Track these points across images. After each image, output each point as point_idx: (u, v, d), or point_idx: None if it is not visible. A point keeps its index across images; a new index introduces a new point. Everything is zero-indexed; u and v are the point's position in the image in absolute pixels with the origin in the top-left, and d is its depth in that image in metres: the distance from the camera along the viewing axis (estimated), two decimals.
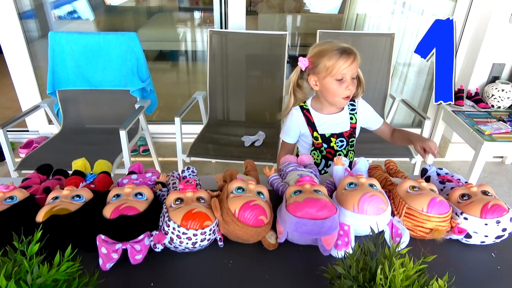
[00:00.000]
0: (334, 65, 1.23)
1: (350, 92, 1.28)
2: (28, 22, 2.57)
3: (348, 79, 1.26)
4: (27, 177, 1.03)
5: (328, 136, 1.38)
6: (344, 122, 1.39)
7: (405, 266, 0.54)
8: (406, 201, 0.86)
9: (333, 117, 1.38)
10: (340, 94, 1.28)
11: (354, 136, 1.42)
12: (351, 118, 1.40)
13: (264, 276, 0.79)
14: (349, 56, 1.24)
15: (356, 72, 1.28)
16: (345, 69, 1.24)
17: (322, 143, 1.39)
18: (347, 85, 1.26)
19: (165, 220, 0.79)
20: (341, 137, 1.39)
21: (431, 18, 2.66)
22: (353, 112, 1.40)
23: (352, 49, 1.26)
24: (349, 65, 1.24)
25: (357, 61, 1.26)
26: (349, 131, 1.40)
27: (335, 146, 1.40)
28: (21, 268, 0.55)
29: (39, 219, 0.78)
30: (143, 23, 3.71)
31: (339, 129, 1.39)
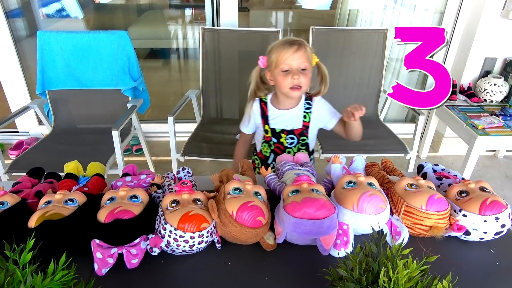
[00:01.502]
0: (278, 56, 1.25)
1: (298, 82, 1.26)
2: (15, 20, 2.52)
3: (294, 69, 1.25)
4: (18, 181, 1.01)
5: (278, 131, 1.39)
6: (296, 119, 1.39)
7: (408, 267, 0.53)
8: (404, 199, 0.85)
9: (287, 112, 1.38)
10: (287, 85, 1.27)
11: (306, 135, 1.40)
12: (305, 116, 1.38)
13: (263, 278, 0.78)
14: (291, 45, 1.24)
15: (303, 63, 1.26)
16: (288, 58, 1.24)
17: (271, 137, 1.40)
18: (293, 75, 1.24)
19: (161, 223, 0.78)
20: (291, 134, 1.39)
21: (423, 13, 2.66)
22: (308, 110, 1.39)
23: (297, 40, 1.26)
24: (292, 54, 1.23)
25: (302, 51, 1.24)
26: (300, 129, 1.39)
27: (285, 142, 1.40)
28: (13, 278, 0.54)
29: (31, 225, 0.76)
30: (133, 21, 3.66)
31: (291, 125, 1.39)
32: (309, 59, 1.28)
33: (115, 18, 3.69)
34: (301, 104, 1.39)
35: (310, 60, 1.28)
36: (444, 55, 2.66)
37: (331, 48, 2.31)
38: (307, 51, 1.26)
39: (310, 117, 1.39)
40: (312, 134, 1.43)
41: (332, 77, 2.32)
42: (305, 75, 1.27)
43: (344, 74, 2.36)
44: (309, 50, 1.28)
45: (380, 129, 2.25)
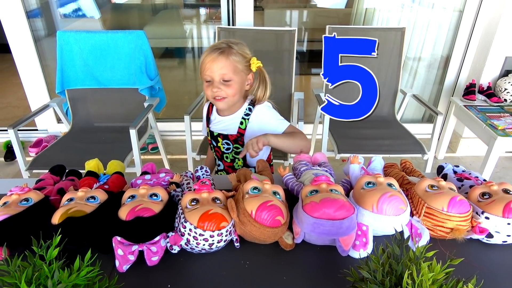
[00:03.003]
0: (201, 63, 1.19)
1: (218, 94, 1.19)
2: (35, 20, 2.57)
3: (217, 79, 1.18)
4: (41, 178, 1.03)
5: (215, 134, 1.36)
6: (233, 125, 1.32)
7: (432, 270, 0.52)
8: (425, 200, 0.84)
9: (225, 118, 1.34)
10: (209, 96, 1.22)
11: (240, 142, 1.33)
12: (241, 123, 1.31)
13: (281, 277, 0.78)
14: (212, 53, 1.16)
15: (226, 74, 1.18)
16: (208, 69, 1.17)
17: (211, 140, 1.39)
18: (212, 86, 1.19)
19: (181, 221, 0.78)
20: (226, 139, 1.34)
21: (441, 11, 2.62)
22: (246, 117, 1.31)
23: (219, 47, 1.17)
24: (211, 63, 1.16)
25: (223, 60, 1.16)
26: (235, 135, 1.32)
27: (222, 147, 1.37)
28: (40, 273, 0.55)
29: (54, 221, 0.78)
30: (149, 20, 3.70)
31: (227, 131, 1.34)
32: (234, 68, 1.19)
33: (131, 18, 3.73)
34: (241, 110, 1.31)
35: (237, 69, 1.20)
36: (462, 54, 2.62)
37: None
38: (231, 59, 1.17)
39: (247, 125, 1.31)
40: None
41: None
42: (228, 86, 1.19)
43: None
44: (237, 58, 1.19)
45: (396, 129, 2.22)
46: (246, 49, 1.25)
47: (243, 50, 1.23)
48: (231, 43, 1.20)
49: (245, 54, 1.23)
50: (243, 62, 1.22)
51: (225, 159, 1.39)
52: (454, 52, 2.64)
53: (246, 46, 1.26)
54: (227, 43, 1.20)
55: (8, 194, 0.86)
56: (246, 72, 1.24)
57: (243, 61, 1.21)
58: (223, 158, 1.39)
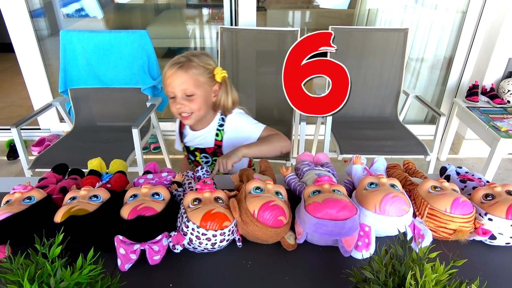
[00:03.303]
0: (163, 78, 1.16)
1: (183, 110, 1.16)
2: (38, 20, 2.58)
3: (179, 95, 1.15)
4: (44, 177, 1.03)
5: (192, 149, 1.33)
6: (208, 138, 1.30)
7: (435, 271, 0.52)
8: (428, 201, 0.84)
9: (199, 133, 1.30)
10: (175, 113, 1.19)
11: (219, 154, 1.31)
12: (217, 135, 1.29)
13: (283, 277, 0.78)
14: (172, 66, 1.13)
15: (187, 89, 1.14)
16: (169, 85, 1.14)
17: (188, 154, 1.36)
18: (176, 102, 1.15)
19: (183, 220, 0.78)
20: (204, 153, 1.32)
21: (444, 12, 2.61)
22: (221, 128, 1.29)
23: (179, 62, 1.13)
24: (172, 79, 1.13)
25: (183, 75, 1.12)
26: (212, 148, 1.30)
27: (200, 161, 1.34)
28: (43, 271, 0.55)
29: (57, 220, 0.78)
30: (151, 20, 3.70)
31: (203, 145, 1.31)
32: (196, 82, 1.15)
33: (133, 18, 3.74)
34: (214, 122, 1.29)
35: (198, 82, 1.16)
36: (466, 55, 2.61)
37: (350, 48, 2.29)
38: (190, 73, 1.13)
39: (223, 136, 1.29)
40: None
41: (350, 77, 2.32)
42: (191, 101, 1.15)
43: (363, 74, 2.34)
44: (197, 71, 1.15)
45: (399, 130, 2.22)
46: (209, 60, 1.20)
47: (205, 62, 1.18)
48: (191, 56, 1.16)
49: (207, 65, 1.18)
50: (205, 74, 1.17)
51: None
52: (457, 53, 2.63)
53: (209, 57, 1.22)
54: (187, 56, 1.16)
55: (11, 193, 0.86)
56: (210, 84, 1.20)
57: (205, 73, 1.17)
58: None
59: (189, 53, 1.18)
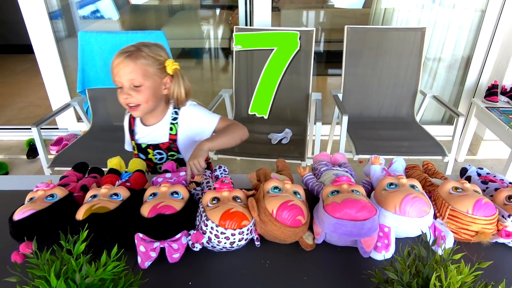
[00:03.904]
0: (111, 65, 1.11)
1: (129, 101, 1.12)
2: (56, 22, 2.63)
3: (126, 85, 1.10)
4: (65, 175, 1.05)
5: (144, 146, 1.27)
6: (162, 133, 1.25)
7: (460, 272, 0.51)
8: (449, 202, 0.83)
9: (153, 127, 1.25)
10: (122, 103, 1.15)
11: (175, 149, 1.26)
12: (171, 128, 1.24)
13: (302, 277, 0.78)
14: (120, 54, 1.09)
15: (135, 79, 1.10)
16: (116, 73, 1.10)
17: (138, 154, 1.29)
18: (123, 93, 1.11)
19: (202, 219, 0.79)
20: (158, 149, 1.26)
21: (462, 11, 2.57)
22: (174, 121, 1.24)
23: (128, 50, 1.09)
24: (119, 67, 1.08)
25: (131, 63, 1.08)
26: (167, 143, 1.25)
27: (153, 158, 1.28)
28: (68, 267, 0.56)
29: (79, 217, 0.79)
30: (166, 21, 3.74)
31: (157, 140, 1.26)
32: (144, 72, 1.11)
33: (148, 19, 3.78)
34: (168, 116, 1.24)
35: (147, 73, 1.11)
36: (484, 55, 2.56)
37: (366, 48, 2.27)
38: (138, 63, 1.09)
39: (177, 129, 1.24)
40: (185, 148, 1.28)
41: (366, 77, 2.31)
42: (139, 92, 1.11)
43: (379, 74, 2.31)
44: (146, 61, 1.11)
45: (415, 131, 2.19)
46: (161, 51, 1.17)
47: (156, 52, 1.14)
48: (142, 46, 1.12)
49: (158, 56, 1.14)
50: (155, 65, 1.13)
51: (159, 170, 1.31)
52: (475, 53, 2.58)
53: (161, 48, 1.18)
54: (137, 46, 1.12)
55: (34, 190, 0.88)
56: (160, 76, 1.15)
57: (154, 64, 1.13)
58: (156, 170, 1.31)
59: (140, 43, 1.14)
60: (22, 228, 0.79)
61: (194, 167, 1.05)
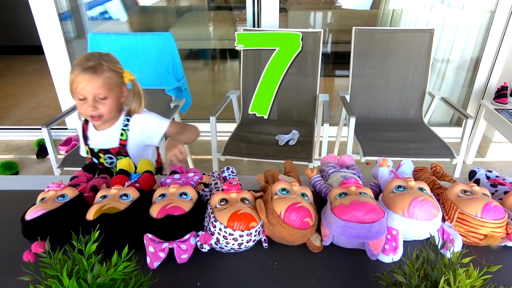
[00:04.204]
0: (73, 82, 1.15)
1: (94, 113, 1.17)
2: (66, 23, 2.66)
3: (90, 100, 1.15)
4: (75, 175, 1.07)
5: (96, 151, 1.31)
6: (113, 138, 1.29)
7: (468, 276, 0.51)
8: (458, 205, 0.83)
9: (104, 132, 1.30)
10: (85, 114, 1.20)
11: (124, 154, 1.31)
12: (122, 134, 1.29)
13: (309, 279, 0.78)
14: (84, 72, 1.12)
15: (101, 93, 1.15)
16: (81, 87, 1.13)
17: (92, 158, 1.34)
18: (87, 104, 1.16)
19: (211, 220, 0.80)
20: (109, 154, 1.31)
21: (472, 12, 2.55)
22: (126, 127, 1.29)
23: (92, 66, 1.13)
24: (85, 83, 1.13)
25: (97, 78, 1.13)
26: (117, 148, 1.29)
27: (104, 162, 1.32)
28: (79, 267, 0.57)
29: (89, 217, 0.80)
30: (174, 22, 3.76)
31: (107, 145, 1.30)
32: (109, 86, 1.17)
33: (156, 20, 3.81)
34: (119, 122, 1.29)
35: (111, 86, 1.17)
36: (494, 56, 2.54)
37: (374, 49, 2.26)
38: (104, 77, 1.15)
39: (128, 135, 1.29)
40: (135, 152, 1.32)
41: (374, 78, 2.30)
42: (103, 104, 1.17)
43: (386, 76, 2.31)
44: (110, 75, 1.16)
45: (424, 133, 2.18)
46: (117, 63, 1.22)
47: (115, 65, 1.20)
48: (101, 60, 1.16)
49: (118, 69, 1.20)
50: (116, 78, 1.19)
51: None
52: (484, 54, 2.56)
53: (116, 60, 1.23)
54: (97, 61, 1.16)
55: (46, 190, 0.90)
56: (120, 87, 1.22)
57: (116, 77, 1.19)
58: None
59: (96, 54, 1.18)
60: (34, 227, 0.80)
61: (175, 158, 1.10)
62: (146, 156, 1.37)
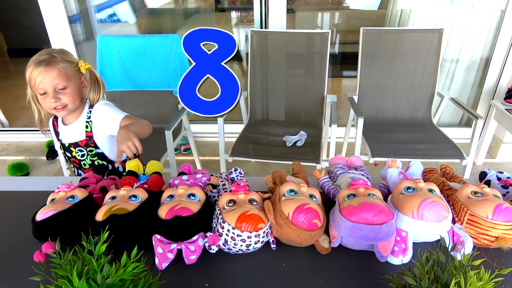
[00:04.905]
0: (30, 79, 1.18)
1: (57, 103, 1.20)
2: (75, 25, 2.69)
3: (50, 92, 1.18)
4: (84, 177, 1.08)
5: (67, 145, 1.36)
6: (79, 131, 1.33)
7: (480, 279, 0.50)
8: (468, 207, 0.82)
9: (71, 126, 1.34)
10: (47, 107, 1.23)
11: (92, 145, 1.34)
12: (87, 126, 1.33)
13: (318, 281, 0.78)
14: (38, 67, 1.16)
15: (59, 83, 1.19)
16: (39, 82, 1.17)
17: (65, 152, 1.38)
18: (50, 98, 1.19)
19: (219, 221, 0.80)
20: (78, 146, 1.35)
21: (482, 12, 2.52)
22: (89, 119, 1.33)
23: (44, 60, 1.17)
24: (41, 77, 1.16)
25: (52, 71, 1.17)
26: (84, 140, 1.33)
27: (77, 155, 1.36)
28: (89, 267, 0.57)
29: (99, 218, 0.81)
30: (181, 24, 3.78)
31: (75, 138, 1.34)
32: (65, 76, 1.20)
33: (164, 22, 3.83)
34: (84, 115, 1.33)
35: (68, 76, 1.21)
36: (504, 56, 2.51)
37: (382, 49, 2.25)
38: (59, 68, 1.18)
39: (92, 126, 1.33)
40: (103, 142, 1.36)
41: (382, 78, 2.29)
42: (64, 94, 1.21)
43: (395, 76, 2.29)
44: (64, 65, 1.20)
45: (433, 133, 2.15)
46: (70, 55, 1.26)
47: (68, 57, 1.23)
48: (52, 53, 1.20)
49: (71, 59, 1.24)
50: (72, 68, 1.23)
51: (83, 166, 1.40)
52: (495, 54, 2.53)
53: (68, 53, 1.26)
54: (49, 54, 1.19)
55: (56, 191, 0.91)
56: (78, 77, 1.26)
57: (71, 67, 1.22)
58: (82, 166, 1.40)
59: (47, 51, 1.21)
60: (45, 228, 0.81)
61: (128, 148, 1.12)
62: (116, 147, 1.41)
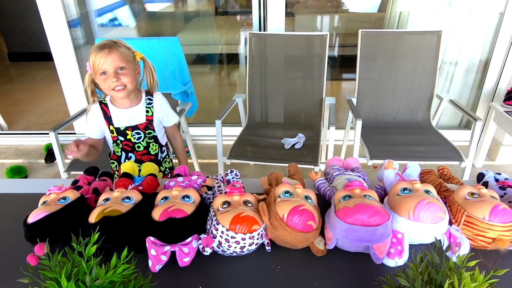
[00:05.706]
0: (93, 62, 1.28)
1: (117, 83, 1.30)
2: (75, 30, 2.69)
3: (111, 72, 1.28)
4: (76, 179, 1.07)
5: (123, 129, 1.42)
6: (139, 115, 1.44)
7: (474, 280, 0.50)
8: (465, 208, 0.81)
9: (129, 110, 1.42)
10: (108, 88, 1.31)
11: (151, 128, 1.46)
12: (147, 111, 1.44)
13: (313, 283, 0.77)
14: (102, 50, 1.26)
15: (120, 64, 1.29)
16: (102, 63, 1.26)
17: (117, 136, 1.44)
18: (111, 78, 1.28)
19: (213, 223, 0.79)
20: (136, 129, 1.44)
21: (480, 14, 2.52)
22: (149, 105, 1.45)
23: (106, 44, 1.28)
24: (104, 58, 1.26)
25: (114, 53, 1.27)
26: (144, 123, 1.44)
27: (132, 138, 1.44)
28: (79, 269, 0.57)
29: (91, 220, 0.80)
30: (181, 27, 3.79)
31: (135, 121, 1.43)
32: (125, 58, 1.31)
33: (164, 26, 3.84)
34: (143, 101, 1.44)
35: (127, 58, 1.32)
36: (503, 58, 2.50)
37: (380, 52, 2.25)
38: (120, 51, 1.29)
39: (153, 111, 1.45)
40: (158, 127, 1.49)
41: (380, 81, 2.28)
42: (124, 74, 1.31)
43: (394, 78, 2.28)
44: (124, 50, 1.31)
45: (432, 135, 2.15)
46: (127, 45, 1.37)
47: (126, 44, 1.35)
48: (113, 40, 1.32)
49: (129, 46, 1.35)
50: (130, 53, 1.34)
51: (137, 149, 1.47)
52: (494, 56, 2.52)
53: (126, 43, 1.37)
54: (110, 41, 1.31)
55: (47, 194, 0.90)
56: (134, 62, 1.37)
57: (129, 52, 1.34)
58: (135, 149, 1.47)
59: (108, 39, 1.32)
60: (36, 230, 0.80)
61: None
62: (164, 137, 1.57)
